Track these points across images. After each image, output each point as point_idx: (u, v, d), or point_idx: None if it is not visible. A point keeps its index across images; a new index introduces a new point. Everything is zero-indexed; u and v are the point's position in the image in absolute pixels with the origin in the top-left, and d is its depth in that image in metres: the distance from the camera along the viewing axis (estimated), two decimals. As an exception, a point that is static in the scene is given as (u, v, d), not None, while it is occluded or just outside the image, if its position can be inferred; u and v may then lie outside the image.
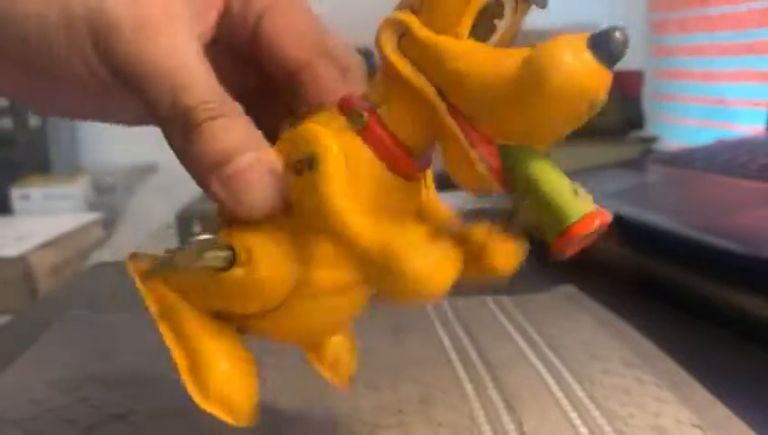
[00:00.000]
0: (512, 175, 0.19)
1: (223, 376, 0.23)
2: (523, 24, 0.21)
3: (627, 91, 0.93)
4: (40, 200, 1.83)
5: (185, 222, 0.63)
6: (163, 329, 0.24)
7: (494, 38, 0.20)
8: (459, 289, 0.19)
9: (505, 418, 0.31)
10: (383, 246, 0.18)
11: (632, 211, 0.54)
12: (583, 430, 0.30)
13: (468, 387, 0.34)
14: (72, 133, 2.24)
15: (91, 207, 1.91)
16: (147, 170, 1.62)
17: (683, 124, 2.12)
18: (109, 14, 0.22)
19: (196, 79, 0.22)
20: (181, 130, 0.22)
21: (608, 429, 0.30)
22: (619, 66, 0.18)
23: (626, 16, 2.45)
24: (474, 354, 0.37)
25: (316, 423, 0.31)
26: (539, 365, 0.36)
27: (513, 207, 0.21)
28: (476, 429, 0.30)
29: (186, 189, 0.76)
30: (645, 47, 2.39)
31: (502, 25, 0.20)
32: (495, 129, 0.19)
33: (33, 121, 2.09)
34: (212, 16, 0.27)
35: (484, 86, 0.18)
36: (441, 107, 0.19)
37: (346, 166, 0.20)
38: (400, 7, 0.21)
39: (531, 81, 0.17)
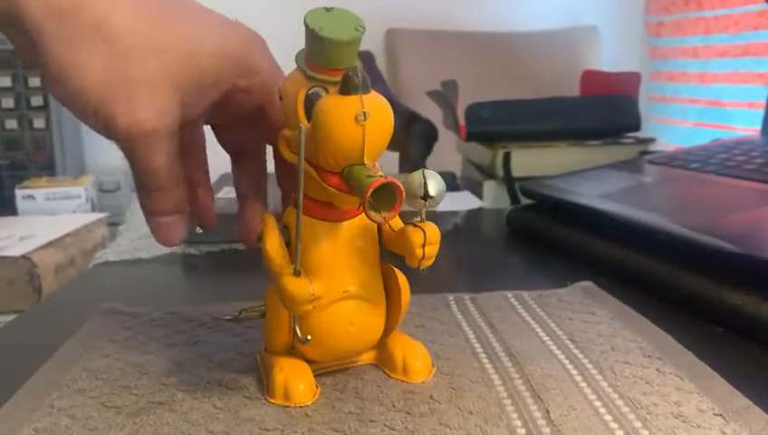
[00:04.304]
0: (348, 184, 0.30)
1: (280, 381, 0.33)
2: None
3: (624, 93, 0.93)
4: (44, 201, 1.83)
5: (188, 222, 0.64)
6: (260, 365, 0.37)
7: None
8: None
9: (533, 407, 0.32)
10: (278, 274, 0.32)
11: (628, 211, 0.55)
12: (608, 417, 0.31)
13: (495, 377, 0.35)
14: (76, 134, 2.24)
15: (95, 207, 1.92)
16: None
17: (679, 125, 2.14)
18: (115, 122, 0.32)
19: (153, 172, 0.34)
20: (140, 190, 0.35)
21: (632, 416, 0.31)
22: (616, 68, 0.20)
23: (623, 18, 2.46)
24: (498, 347, 0.39)
25: (349, 411, 0.32)
26: (561, 357, 0.37)
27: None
28: (505, 416, 0.31)
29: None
30: (641, 50, 2.41)
31: None
32: (327, 164, 0.30)
33: (38, 123, 2.10)
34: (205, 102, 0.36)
35: (309, 147, 0.30)
36: (308, 167, 0.31)
37: (294, 231, 0.32)
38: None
39: (313, 130, 0.30)
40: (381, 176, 0.29)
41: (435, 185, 0.30)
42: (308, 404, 0.33)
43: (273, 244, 0.33)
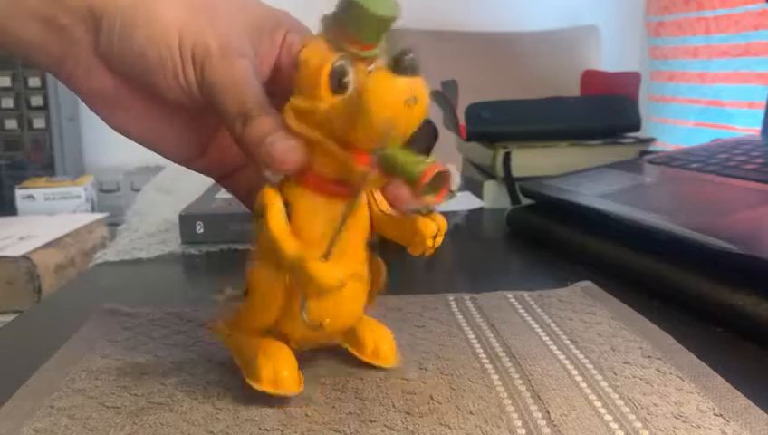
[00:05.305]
0: (383, 166, 0.30)
1: (270, 371, 0.33)
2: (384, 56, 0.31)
3: (624, 93, 0.93)
4: (44, 201, 1.84)
5: (188, 222, 0.64)
6: (230, 348, 0.36)
7: (350, 88, 0.30)
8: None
9: (533, 407, 0.32)
10: (299, 260, 0.30)
11: (629, 211, 0.55)
12: (608, 417, 0.31)
13: (495, 378, 0.35)
14: (76, 135, 2.25)
15: (95, 207, 1.92)
16: (150, 171, 1.63)
17: (679, 125, 2.14)
18: (205, 44, 0.33)
19: (255, 92, 0.33)
20: (242, 121, 0.33)
21: (632, 417, 0.31)
22: (616, 68, 0.20)
23: (623, 18, 2.46)
24: (498, 347, 0.39)
25: (349, 411, 0.32)
26: (561, 357, 0.37)
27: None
28: (505, 417, 0.31)
29: (189, 190, 0.76)
30: (641, 50, 2.41)
31: (350, 79, 0.30)
32: (361, 143, 0.29)
33: (38, 123, 2.10)
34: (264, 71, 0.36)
35: (343, 122, 0.29)
36: (328, 142, 0.30)
37: (294, 206, 0.32)
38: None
39: (357, 106, 0.28)
40: (432, 162, 0.29)
41: (456, 181, 0.30)
42: (295, 391, 0.32)
43: (280, 223, 0.31)
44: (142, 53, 0.33)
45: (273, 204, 0.31)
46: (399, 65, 0.28)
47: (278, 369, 0.32)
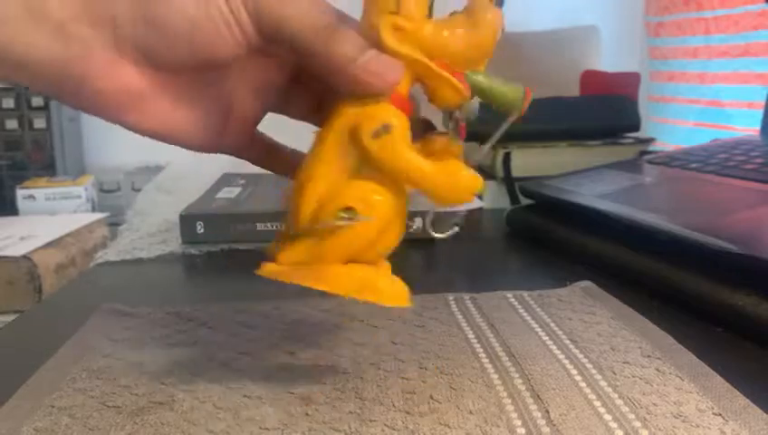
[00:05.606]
0: (471, 86, 0.33)
1: (388, 283, 0.33)
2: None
3: (623, 93, 0.93)
4: (44, 201, 1.84)
5: (189, 222, 0.64)
6: (312, 283, 0.32)
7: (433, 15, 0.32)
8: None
9: (532, 406, 0.32)
10: (446, 170, 0.32)
11: (628, 211, 0.55)
12: (608, 417, 0.31)
13: (494, 377, 0.35)
14: (76, 135, 2.25)
15: (96, 207, 1.92)
16: (151, 171, 1.63)
17: (679, 125, 2.13)
18: None
19: (325, 5, 0.31)
20: (326, 38, 0.30)
21: (631, 416, 0.31)
22: (616, 68, 0.22)
23: (622, 19, 2.46)
24: (497, 346, 0.39)
25: (349, 411, 0.32)
26: (561, 357, 0.37)
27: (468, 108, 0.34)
28: (505, 416, 0.31)
29: (189, 190, 0.76)
30: (641, 50, 2.41)
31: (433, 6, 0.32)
32: (460, 64, 0.32)
33: (39, 123, 2.10)
34: None
35: (448, 44, 0.32)
36: (432, 64, 0.31)
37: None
38: (380, 8, 0.31)
39: (478, 29, 0.32)
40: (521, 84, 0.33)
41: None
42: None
43: (410, 141, 0.31)
44: (184, 23, 0.30)
45: (402, 122, 0.31)
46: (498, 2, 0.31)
47: (401, 284, 0.34)
